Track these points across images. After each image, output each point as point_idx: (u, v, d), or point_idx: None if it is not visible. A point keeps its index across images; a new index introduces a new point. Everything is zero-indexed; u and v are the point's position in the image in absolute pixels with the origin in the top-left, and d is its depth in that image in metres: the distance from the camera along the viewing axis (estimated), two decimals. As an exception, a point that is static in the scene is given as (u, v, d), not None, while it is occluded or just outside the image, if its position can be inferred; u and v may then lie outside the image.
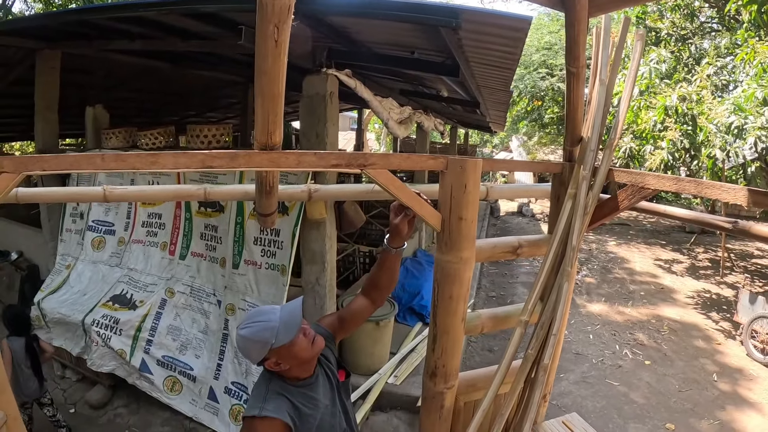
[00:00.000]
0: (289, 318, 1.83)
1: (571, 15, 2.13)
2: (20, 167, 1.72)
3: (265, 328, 1.79)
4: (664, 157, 7.11)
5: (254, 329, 1.81)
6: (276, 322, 1.81)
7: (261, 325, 1.81)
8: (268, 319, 1.82)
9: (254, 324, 1.82)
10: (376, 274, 2.19)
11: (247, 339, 1.81)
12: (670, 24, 8.90)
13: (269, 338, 1.78)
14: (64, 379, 5.39)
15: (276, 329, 1.79)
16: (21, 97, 6.75)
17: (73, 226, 5.79)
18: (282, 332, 1.79)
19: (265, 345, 1.78)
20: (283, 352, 1.81)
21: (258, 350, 1.81)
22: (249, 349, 1.84)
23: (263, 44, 1.56)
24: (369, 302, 2.21)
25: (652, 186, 2.18)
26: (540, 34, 17.77)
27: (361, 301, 2.21)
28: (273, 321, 1.81)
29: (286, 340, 1.79)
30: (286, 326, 1.81)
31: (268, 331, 1.78)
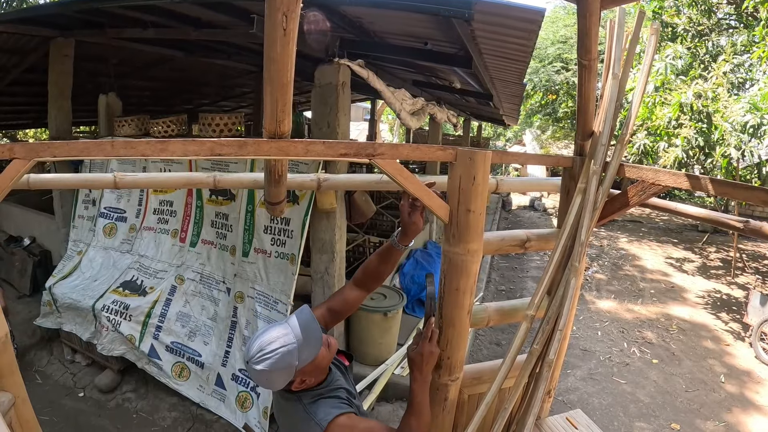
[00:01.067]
0: (307, 334, 1.73)
1: (583, 6, 2.10)
2: (31, 153, 1.73)
3: (286, 354, 1.68)
4: (678, 154, 7.04)
5: (274, 359, 1.67)
6: (294, 342, 1.70)
7: (281, 351, 1.67)
8: (285, 342, 1.69)
9: (272, 354, 1.67)
10: (377, 266, 2.15)
11: (271, 372, 1.68)
12: (687, 20, 8.78)
13: (293, 362, 1.68)
14: (73, 364, 5.46)
15: (297, 350, 1.69)
16: (35, 85, 6.82)
17: (86, 212, 5.85)
18: (304, 351, 1.70)
19: (291, 370, 1.69)
20: (308, 368, 1.74)
21: (284, 378, 1.72)
22: (273, 379, 1.72)
23: (272, 32, 1.56)
24: (364, 292, 2.19)
25: (665, 182, 2.16)
26: (555, 27, 17.63)
27: (355, 291, 2.17)
28: (290, 343, 1.69)
29: (311, 357, 1.72)
30: (307, 343, 1.72)
31: (290, 355, 1.68)
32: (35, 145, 1.76)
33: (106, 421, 4.65)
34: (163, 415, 4.71)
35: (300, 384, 1.77)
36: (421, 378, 1.94)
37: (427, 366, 1.96)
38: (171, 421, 4.65)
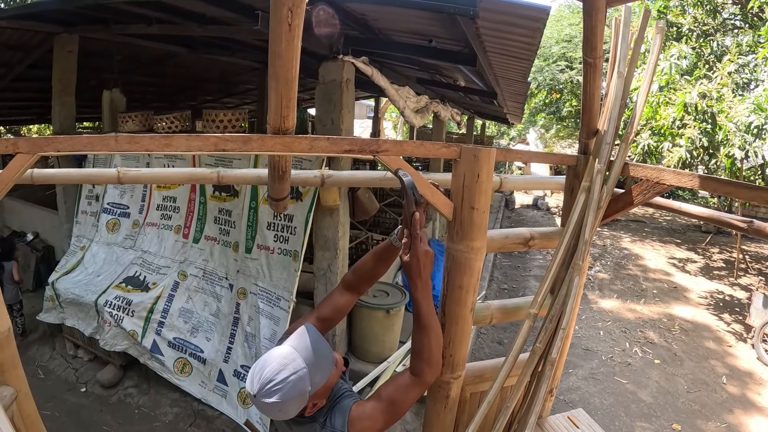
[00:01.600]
0: (317, 356, 1.63)
1: (588, 4, 2.10)
2: (35, 148, 1.74)
3: (297, 381, 1.57)
4: (682, 154, 7.02)
5: (285, 389, 1.56)
6: (304, 368, 1.58)
7: (292, 380, 1.56)
8: (295, 369, 1.58)
9: (282, 385, 1.56)
10: (372, 267, 2.04)
11: (284, 402, 1.57)
12: (692, 19, 8.74)
13: (305, 387, 1.58)
14: (76, 359, 5.47)
15: (308, 375, 1.58)
16: (39, 81, 6.83)
17: (89, 208, 5.86)
18: (316, 374, 1.61)
19: (304, 397, 1.60)
20: (320, 391, 1.65)
21: (298, 406, 1.61)
22: (287, 410, 1.61)
23: (277, 28, 1.56)
24: (354, 295, 2.07)
25: (669, 182, 2.16)
26: (560, 26, 17.58)
27: (345, 296, 2.04)
28: (301, 368, 1.58)
29: (324, 380, 1.64)
30: (318, 366, 1.62)
31: (302, 382, 1.57)
32: (39, 139, 1.76)
33: (107, 416, 4.66)
34: (164, 411, 4.73)
35: (312, 408, 1.68)
36: (422, 284, 1.74)
37: (426, 270, 1.73)
38: (172, 417, 4.66)
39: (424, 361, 1.71)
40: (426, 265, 1.73)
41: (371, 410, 1.69)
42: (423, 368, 1.71)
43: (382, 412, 1.69)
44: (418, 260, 1.71)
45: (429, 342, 1.72)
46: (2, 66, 6.29)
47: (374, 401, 1.72)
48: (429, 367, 1.72)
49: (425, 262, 1.72)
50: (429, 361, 1.72)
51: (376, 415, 1.68)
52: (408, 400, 1.72)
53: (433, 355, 1.74)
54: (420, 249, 1.71)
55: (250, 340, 4.48)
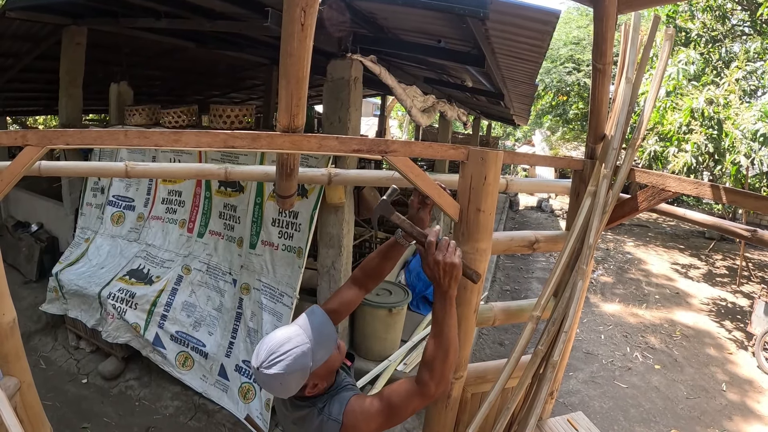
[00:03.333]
0: (320, 334, 1.68)
1: (599, 10, 2.11)
2: (44, 141, 1.75)
3: (300, 355, 1.60)
4: (688, 160, 7.01)
5: (287, 361, 1.59)
6: (308, 343, 1.63)
7: (293, 353, 1.60)
8: (298, 343, 1.62)
9: (284, 357, 1.60)
10: (379, 264, 2.06)
11: (284, 375, 1.59)
12: (701, 25, 8.73)
13: (307, 363, 1.61)
14: (78, 350, 5.49)
15: (311, 350, 1.62)
16: (46, 72, 6.85)
17: (94, 200, 5.88)
18: (319, 351, 1.64)
19: (305, 372, 1.62)
20: (321, 371, 1.67)
21: (298, 381, 1.63)
22: (287, 383, 1.63)
23: (290, 27, 1.57)
24: (362, 291, 2.09)
25: (673, 188, 2.16)
26: (568, 28, 17.55)
27: (353, 290, 2.06)
28: (304, 343, 1.63)
29: (325, 357, 1.66)
30: (321, 343, 1.66)
31: (304, 356, 1.61)
32: (48, 132, 1.77)
33: (108, 408, 4.68)
34: (165, 404, 4.74)
35: (312, 388, 1.69)
36: (440, 292, 1.68)
37: (444, 278, 1.65)
38: (173, 410, 4.68)
39: (429, 372, 1.64)
40: (446, 271, 1.65)
41: (369, 406, 1.68)
42: (426, 379, 1.64)
43: (379, 411, 1.67)
44: (429, 269, 1.68)
45: (436, 352, 1.65)
46: (11, 56, 6.31)
47: (374, 399, 1.70)
48: (432, 379, 1.63)
49: (440, 272, 1.65)
50: (432, 372, 1.64)
51: (372, 413, 1.67)
52: (407, 407, 1.66)
53: (437, 367, 1.64)
54: (430, 259, 1.68)
55: (253, 336, 4.50)
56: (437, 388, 1.64)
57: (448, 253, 1.65)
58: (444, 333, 1.66)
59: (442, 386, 1.66)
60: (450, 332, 1.66)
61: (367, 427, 1.67)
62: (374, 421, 1.67)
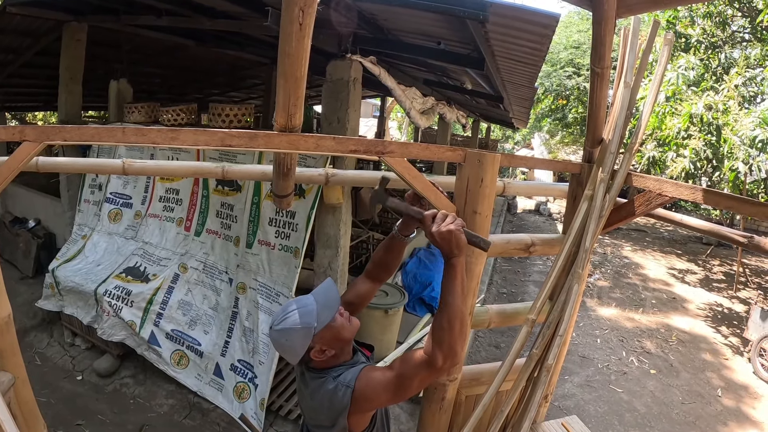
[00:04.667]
0: (324, 298, 1.79)
1: (598, 13, 2.11)
2: (42, 137, 1.75)
3: (303, 314, 1.73)
4: (686, 165, 7.03)
5: (292, 318, 1.73)
6: (312, 305, 1.75)
7: (298, 312, 1.74)
8: (303, 304, 1.76)
9: (290, 314, 1.74)
10: (384, 258, 2.12)
11: (288, 330, 1.72)
12: (701, 31, 8.74)
13: (311, 322, 1.71)
14: (73, 347, 5.48)
15: (315, 311, 1.73)
16: (46, 68, 6.85)
17: (92, 197, 5.87)
18: (322, 312, 1.73)
19: (309, 331, 1.71)
20: (327, 335, 1.75)
21: (302, 339, 1.72)
22: (292, 341, 1.73)
23: (288, 26, 1.57)
24: (376, 283, 2.17)
25: (670, 193, 2.16)
26: (569, 32, 17.58)
27: (367, 283, 2.15)
28: (309, 305, 1.75)
29: (328, 319, 1.73)
30: (325, 306, 1.76)
31: (308, 315, 1.72)
32: (46, 128, 1.77)
33: (103, 405, 4.67)
34: (160, 402, 4.73)
35: (320, 354, 1.77)
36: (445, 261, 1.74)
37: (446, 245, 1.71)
38: (168, 408, 4.67)
39: (436, 343, 1.66)
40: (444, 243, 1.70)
41: (380, 375, 1.73)
42: (434, 350, 1.65)
43: (389, 380, 1.71)
44: (432, 241, 1.74)
45: (441, 322, 1.66)
46: (11, 52, 6.31)
47: (385, 369, 1.76)
48: (440, 350, 1.64)
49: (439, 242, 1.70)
50: (440, 344, 1.64)
51: (382, 381, 1.71)
52: (414, 377, 1.68)
53: (443, 337, 1.65)
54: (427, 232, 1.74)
55: (248, 335, 4.49)
56: (444, 360, 1.64)
57: (444, 223, 1.71)
58: (448, 302, 1.68)
59: (450, 359, 1.66)
60: (454, 301, 1.68)
61: (376, 395, 1.72)
62: (384, 389, 1.71)
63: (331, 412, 1.74)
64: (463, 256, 1.73)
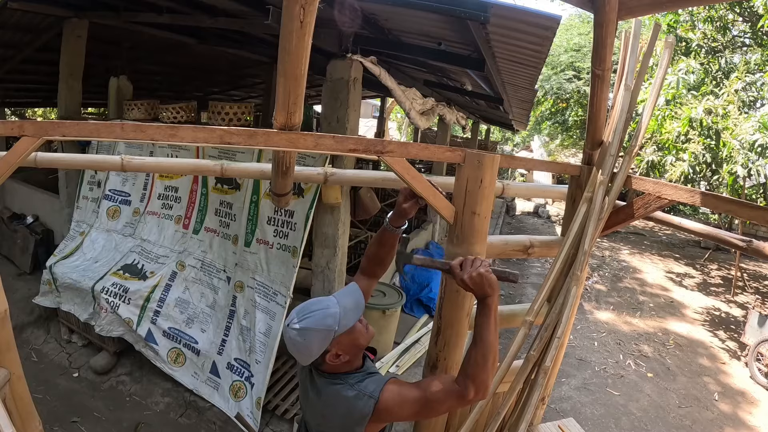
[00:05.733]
0: (349, 302, 1.76)
1: (599, 16, 2.10)
2: (40, 132, 1.74)
3: (326, 315, 1.69)
4: (685, 169, 7.04)
5: (314, 318, 1.69)
6: (336, 307, 1.71)
7: (321, 313, 1.70)
8: (326, 305, 1.73)
9: (312, 314, 1.70)
10: (377, 252, 2.09)
11: (309, 330, 1.68)
12: (702, 35, 8.76)
13: (332, 325, 1.68)
14: (70, 344, 5.47)
15: (338, 315, 1.70)
16: (46, 64, 6.84)
17: (90, 194, 5.86)
18: (344, 317, 1.71)
19: (329, 333, 1.68)
20: (345, 340, 1.72)
21: (320, 341, 1.69)
22: (310, 341, 1.69)
23: (289, 24, 1.57)
24: (372, 280, 2.14)
25: (669, 196, 2.16)
26: (570, 35, 17.57)
27: (364, 279, 2.11)
28: (332, 307, 1.72)
29: (350, 323, 1.71)
30: (348, 310, 1.73)
31: (331, 318, 1.69)
32: (45, 123, 1.77)
33: (99, 402, 4.66)
34: (156, 400, 4.72)
35: (335, 359, 1.73)
36: (479, 302, 1.76)
37: (479, 288, 1.73)
38: (164, 406, 4.66)
39: (469, 377, 1.67)
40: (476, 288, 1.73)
41: (407, 392, 1.71)
42: (467, 382, 1.67)
43: (416, 400, 1.69)
44: (464, 287, 1.76)
45: (477, 357, 1.68)
46: (12, 47, 6.30)
47: (413, 387, 1.74)
48: (473, 383, 1.66)
49: (472, 287, 1.73)
50: (473, 378, 1.66)
51: (409, 400, 1.70)
52: (442, 404, 1.70)
53: (477, 373, 1.67)
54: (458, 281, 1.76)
55: (245, 334, 4.49)
56: (476, 393, 1.66)
57: (473, 267, 1.73)
58: (484, 338, 1.70)
59: (481, 393, 1.68)
60: (489, 337, 1.70)
61: (401, 411, 1.70)
62: (409, 408, 1.70)
63: (348, 420, 1.72)
64: (497, 294, 1.74)
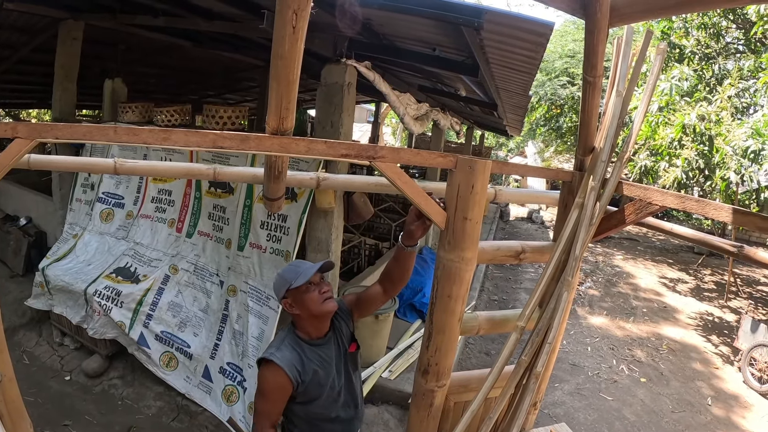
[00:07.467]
0: (307, 269, 2.20)
1: (591, 23, 2.11)
2: (34, 134, 1.74)
3: (290, 271, 2.23)
4: (678, 175, 7.06)
5: (285, 270, 2.28)
6: (301, 270, 2.21)
7: (291, 268, 2.26)
8: (298, 265, 2.27)
9: (288, 267, 2.30)
10: (389, 266, 2.34)
11: (278, 276, 2.27)
12: (695, 42, 8.81)
13: (291, 279, 2.18)
14: (62, 347, 5.44)
15: (298, 274, 2.19)
16: (41, 65, 6.83)
17: (84, 196, 5.84)
18: (298, 278, 2.17)
19: (286, 284, 2.20)
20: (297, 296, 2.19)
21: (281, 287, 2.23)
22: (277, 285, 2.25)
23: (281, 29, 1.57)
24: (381, 291, 2.39)
25: (656, 201, 2.17)
26: (564, 41, 17.61)
27: (377, 288, 2.40)
28: (300, 268, 2.22)
29: (298, 284, 2.16)
30: (303, 274, 2.18)
31: (292, 273, 2.21)
32: (38, 125, 1.76)
33: (91, 405, 4.64)
34: (148, 404, 4.71)
35: (289, 307, 2.23)
36: None
37: None
38: (156, 410, 4.65)
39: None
40: None
41: (258, 387, 2.20)
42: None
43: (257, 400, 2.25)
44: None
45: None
46: (7, 48, 6.30)
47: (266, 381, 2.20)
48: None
49: None
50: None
51: (257, 393, 2.22)
52: None
53: None
54: None
55: (238, 338, 4.47)
56: None
57: None
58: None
59: None
60: None
61: None
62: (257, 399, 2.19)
63: None
64: None
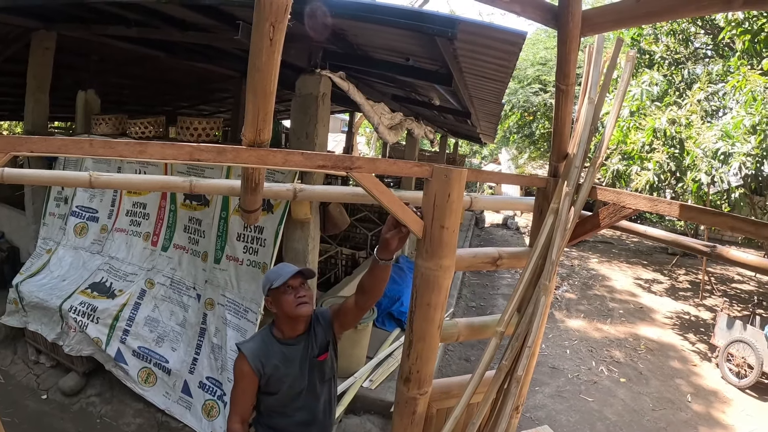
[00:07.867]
0: (287, 272, 2.37)
1: (563, 32, 2.15)
2: (8, 147, 1.71)
3: (274, 272, 2.42)
4: (650, 178, 7.19)
5: (271, 270, 2.50)
6: (283, 272, 2.38)
7: (275, 269, 2.46)
8: (282, 267, 2.46)
9: (275, 268, 2.49)
10: (364, 279, 2.37)
11: (265, 276, 2.49)
12: (665, 48, 8.99)
13: (273, 279, 2.37)
14: (38, 365, 5.32)
15: (279, 275, 2.37)
16: (13, 76, 6.72)
17: (57, 210, 5.75)
18: (276, 279, 2.35)
19: (268, 283, 2.39)
20: (276, 296, 2.37)
21: (265, 285, 2.42)
22: (263, 283, 2.44)
23: (259, 42, 1.57)
24: (357, 304, 2.43)
25: (629, 205, 2.21)
26: (536, 48, 17.83)
27: (351, 301, 2.47)
28: (282, 271, 2.40)
29: (276, 285, 2.33)
30: (282, 276, 2.35)
31: (275, 274, 2.39)
32: (12, 138, 1.74)
33: (69, 424, 4.55)
34: (127, 421, 4.62)
35: (270, 304, 2.45)
36: None
37: None
38: (135, 428, 4.57)
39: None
40: None
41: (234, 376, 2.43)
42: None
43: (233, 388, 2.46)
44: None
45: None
46: (-22, 58, 6.18)
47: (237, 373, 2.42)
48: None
49: None
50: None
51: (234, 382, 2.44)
52: None
53: None
54: None
55: (217, 352, 4.43)
56: None
57: None
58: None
59: None
60: None
61: None
62: None
63: None
64: None
